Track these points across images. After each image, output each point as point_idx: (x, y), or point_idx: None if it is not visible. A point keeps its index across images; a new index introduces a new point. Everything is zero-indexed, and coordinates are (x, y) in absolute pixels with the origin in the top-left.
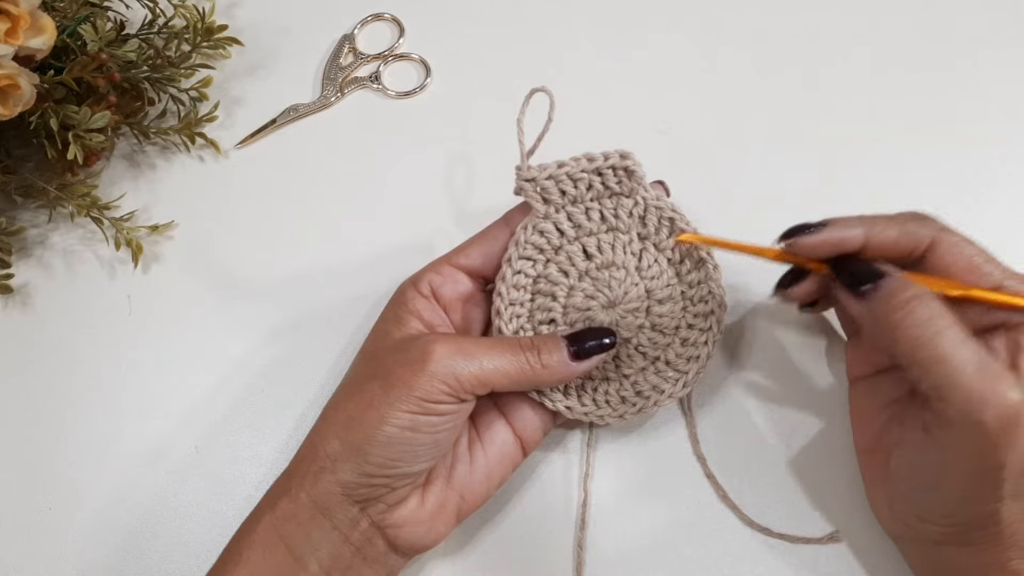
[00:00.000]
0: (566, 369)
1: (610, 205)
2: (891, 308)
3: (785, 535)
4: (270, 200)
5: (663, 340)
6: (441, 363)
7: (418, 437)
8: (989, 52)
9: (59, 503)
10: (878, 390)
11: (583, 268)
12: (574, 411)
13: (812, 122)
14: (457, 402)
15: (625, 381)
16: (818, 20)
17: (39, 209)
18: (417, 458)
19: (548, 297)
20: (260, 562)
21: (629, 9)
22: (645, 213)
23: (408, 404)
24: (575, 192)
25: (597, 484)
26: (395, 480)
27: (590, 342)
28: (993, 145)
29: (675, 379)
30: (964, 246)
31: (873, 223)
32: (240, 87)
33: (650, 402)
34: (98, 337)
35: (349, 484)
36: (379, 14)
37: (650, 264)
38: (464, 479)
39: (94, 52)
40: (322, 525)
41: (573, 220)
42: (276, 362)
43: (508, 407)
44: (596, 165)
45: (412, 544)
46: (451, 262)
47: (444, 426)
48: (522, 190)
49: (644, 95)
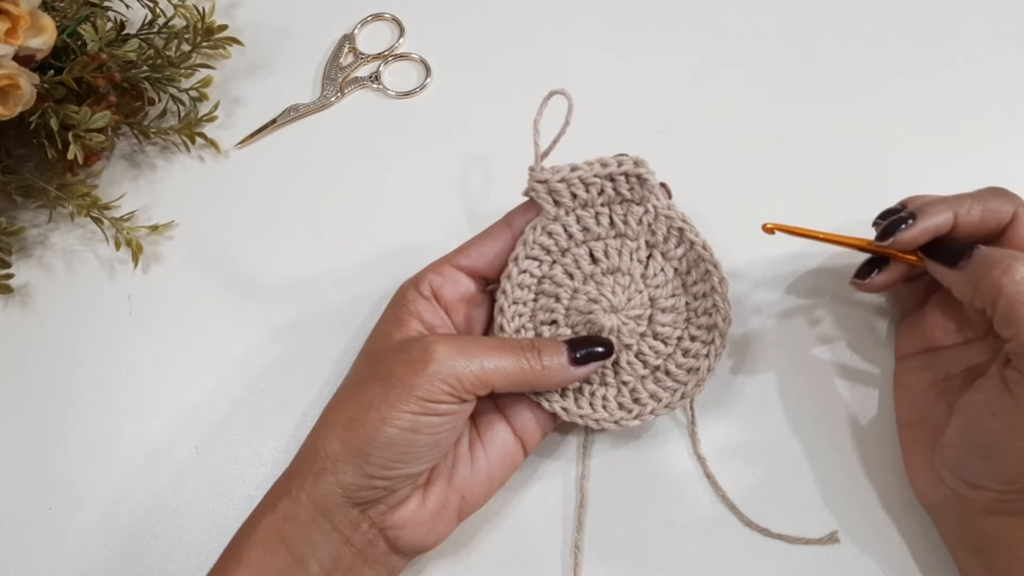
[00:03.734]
0: (565, 373)
1: (620, 211)
2: (991, 267)
3: (784, 535)
4: (270, 200)
5: (664, 349)
6: (442, 363)
7: (419, 438)
8: (989, 52)
9: (59, 503)
10: (929, 367)
11: (588, 272)
12: (571, 413)
13: (813, 123)
14: (458, 402)
15: (624, 388)
16: (818, 21)
17: (39, 209)
18: (418, 459)
19: (551, 298)
20: (261, 563)
21: (630, 9)
22: (655, 221)
23: (409, 405)
24: (586, 196)
25: (596, 486)
26: (395, 481)
27: (589, 349)
28: (993, 145)
29: (673, 389)
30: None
31: (959, 203)
32: (240, 87)
33: (647, 410)
34: (98, 337)
35: (350, 486)
36: (379, 14)
37: (656, 272)
38: (465, 480)
39: (94, 52)
40: (322, 526)
41: (582, 223)
42: (276, 362)
43: (508, 408)
44: (609, 171)
45: (413, 545)
46: (451, 263)
47: (444, 427)
48: (534, 191)
49: (645, 95)
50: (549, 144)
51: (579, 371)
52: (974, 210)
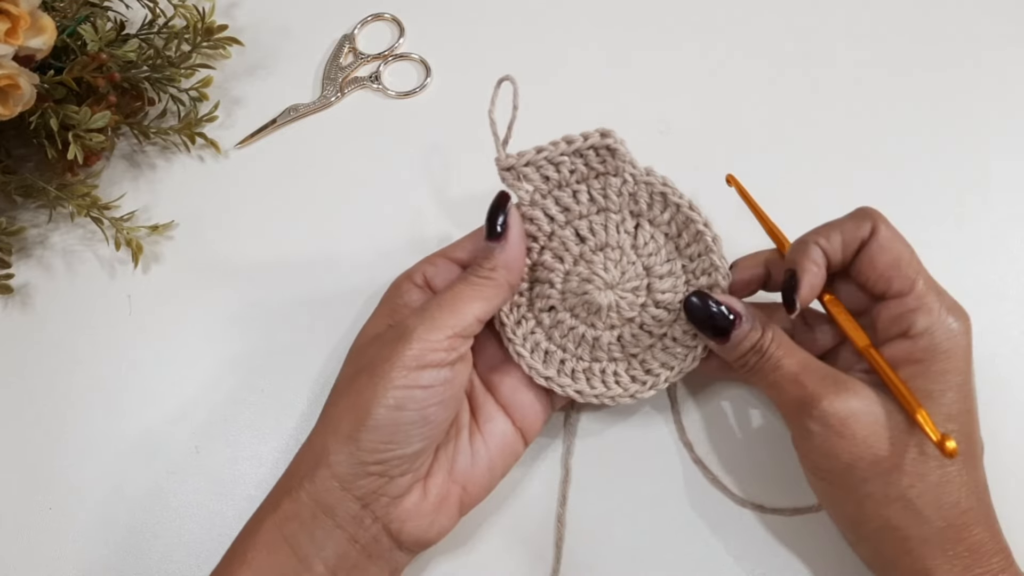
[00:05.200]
0: (499, 253)
1: (598, 186)
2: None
3: (779, 508)
4: (270, 200)
5: (668, 317)
6: (417, 334)
7: (405, 415)
8: (989, 52)
9: (59, 503)
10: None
11: (577, 252)
12: (585, 395)
13: (813, 123)
14: (444, 366)
15: (633, 360)
16: (819, 21)
17: (39, 209)
18: (408, 438)
19: (545, 284)
20: (264, 563)
21: (630, 9)
22: (635, 190)
23: (393, 383)
24: (559, 176)
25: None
26: (390, 466)
27: (489, 217)
28: (993, 145)
29: (684, 354)
30: (895, 242)
31: (825, 234)
32: (240, 87)
33: (660, 379)
34: (98, 337)
35: (345, 476)
36: (379, 14)
37: (646, 241)
38: (466, 471)
39: (94, 52)
40: (324, 524)
41: (561, 204)
42: (276, 362)
43: (507, 399)
44: (576, 146)
45: (416, 538)
46: (445, 255)
47: (431, 401)
48: (503, 180)
49: (645, 96)
50: (506, 130)
51: (505, 242)
52: (834, 240)
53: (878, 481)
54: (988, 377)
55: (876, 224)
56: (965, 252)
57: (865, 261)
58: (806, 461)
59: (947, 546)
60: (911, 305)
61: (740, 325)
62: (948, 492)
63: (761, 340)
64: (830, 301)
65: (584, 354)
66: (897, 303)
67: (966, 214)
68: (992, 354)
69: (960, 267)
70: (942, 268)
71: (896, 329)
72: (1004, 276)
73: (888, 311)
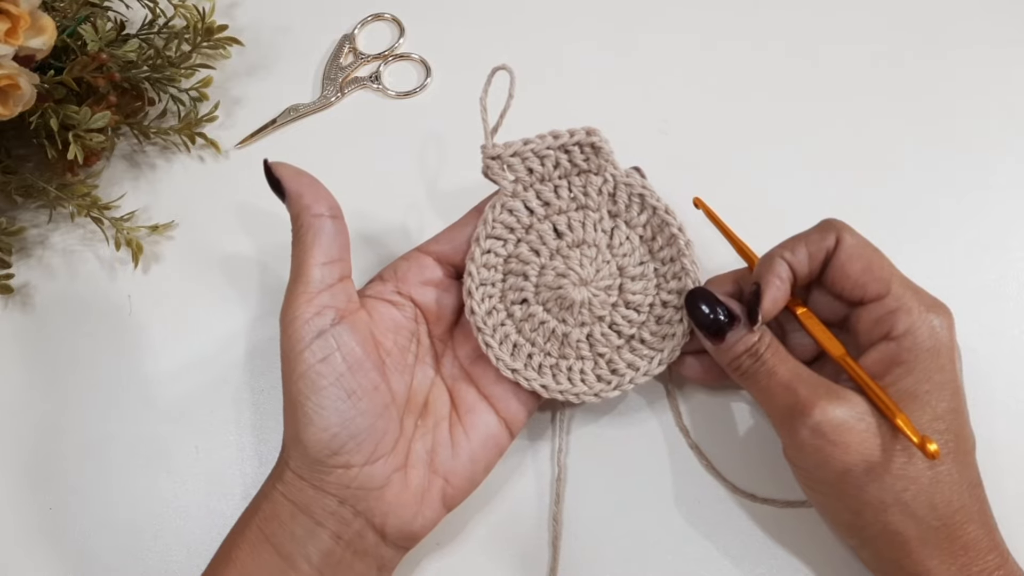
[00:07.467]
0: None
1: (579, 183)
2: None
3: (770, 499)
4: (270, 200)
5: (637, 318)
6: (286, 318)
7: (323, 399)
8: (990, 52)
9: (59, 503)
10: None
11: (554, 247)
12: (550, 390)
13: (813, 123)
14: (325, 333)
15: (600, 360)
16: (819, 21)
17: (39, 209)
18: (344, 420)
19: (520, 276)
20: (249, 563)
21: (630, 9)
22: (615, 190)
23: (296, 374)
24: (542, 170)
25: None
26: (349, 455)
27: (271, 185)
28: (993, 145)
29: (650, 357)
30: (862, 248)
31: (791, 248)
32: (240, 87)
33: (625, 380)
34: (98, 337)
35: (310, 475)
36: (379, 14)
37: (621, 241)
38: (447, 463)
39: (94, 52)
40: (304, 523)
41: (542, 198)
42: (277, 362)
43: (490, 390)
44: (562, 142)
45: (400, 530)
46: (420, 249)
47: (337, 371)
48: (488, 168)
49: (645, 95)
50: (497, 120)
51: (287, 193)
52: (799, 253)
53: (873, 487)
54: (988, 377)
55: (840, 234)
56: (965, 252)
57: (836, 271)
58: (799, 472)
59: (943, 545)
60: (890, 306)
61: (737, 326)
62: (940, 492)
63: (757, 344)
64: (803, 314)
65: (553, 350)
66: (876, 306)
67: (966, 214)
68: (992, 354)
69: (960, 267)
70: (942, 268)
71: (878, 332)
72: (1004, 276)
73: (868, 315)
